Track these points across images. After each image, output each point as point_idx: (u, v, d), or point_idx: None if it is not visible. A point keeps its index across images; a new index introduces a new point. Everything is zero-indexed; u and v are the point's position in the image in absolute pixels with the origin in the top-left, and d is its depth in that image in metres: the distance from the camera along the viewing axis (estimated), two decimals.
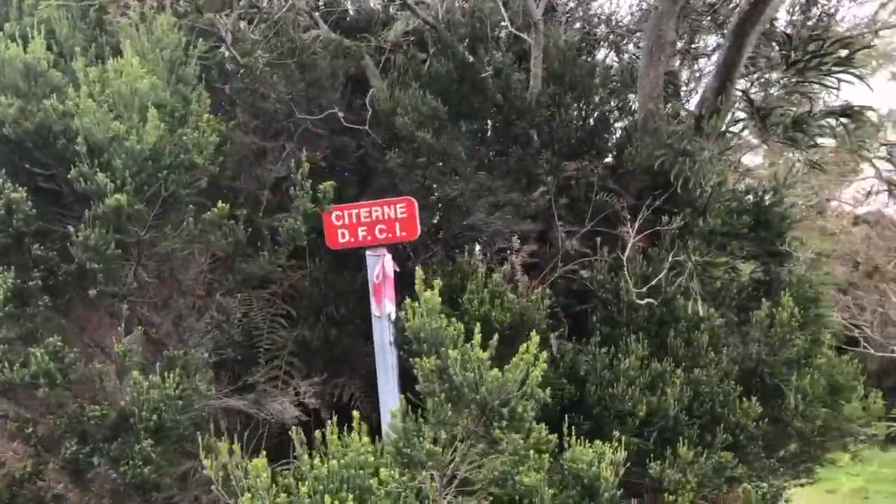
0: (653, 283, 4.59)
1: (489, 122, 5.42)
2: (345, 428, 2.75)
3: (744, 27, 4.72)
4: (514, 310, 4.26)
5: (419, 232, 4.63)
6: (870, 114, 4.85)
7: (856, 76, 4.45)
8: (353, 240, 4.71)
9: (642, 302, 4.63)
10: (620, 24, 7.21)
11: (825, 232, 13.28)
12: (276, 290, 5.30)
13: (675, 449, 4.13)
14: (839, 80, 4.50)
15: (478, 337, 2.66)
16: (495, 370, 2.61)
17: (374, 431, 3.17)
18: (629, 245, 4.63)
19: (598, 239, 5.03)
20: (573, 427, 3.52)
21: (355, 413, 2.65)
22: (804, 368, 4.57)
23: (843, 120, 4.47)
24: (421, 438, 2.58)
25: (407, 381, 3.78)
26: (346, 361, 5.17)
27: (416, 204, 4.60)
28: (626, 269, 4.64)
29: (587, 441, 3.75)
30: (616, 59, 6.97)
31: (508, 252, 5.00)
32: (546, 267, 5.22)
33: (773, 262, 4.92)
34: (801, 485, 5.47)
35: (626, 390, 4.21)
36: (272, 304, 5.22)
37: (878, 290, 12.84)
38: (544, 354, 2.78)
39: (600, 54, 7.05)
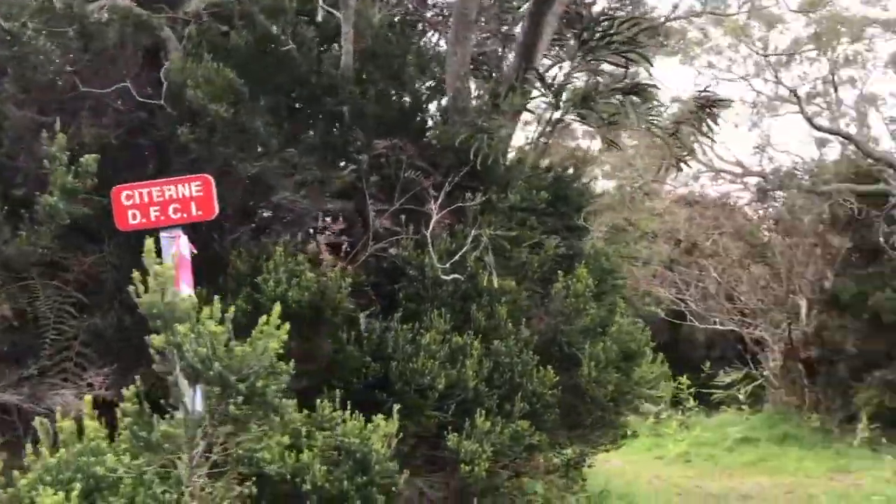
0: (456, 258, 4.64)
1: (296, 97, 5.29)
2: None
3: (541, 8, 4.84)
4: (311, 289, 4.17)
5: (216, 211, 4.40)
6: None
7: (642, 56, 4.66)
8: (144, 221, 4.41)
9: (448, 278, 4.68)
10: (444, 4, 7.26)
11: (653, 212, 14.11)
12: (68, 276, 4.96)
13: (474, 420, 4.19)
14: (627, 60, 4.69)
15: (223, 312, 2.54)
16: (242, 347, 2.51)
17: None
18: (432, 222, 4.65)
19: (407, 216, 5.03)
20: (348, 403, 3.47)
21: (87, 398, 2.48)
22: (600, 336, 4.77)
23: (630, 97, 4.68)
24: (159, 420, 2.45)
25: None
26: (145, 350, 4.90)
27: (213, 182, 4.40)
28: (430, 245, 4.65)
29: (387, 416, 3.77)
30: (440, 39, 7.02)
31: (316, 231, 4.91)
32: (359, 246, 5.17)
33: (572, 237, 5.10)
34: (607, 450, 5.74)
35: (425, 364, 4.23)
36: (62, 291, 4.87)
37: (699, 266, 13.77)
38: (287, 326, 2.71)
39: (427, 35, 7.09)
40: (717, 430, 13.37)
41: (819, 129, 12.91)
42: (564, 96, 4.58)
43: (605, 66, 5.73)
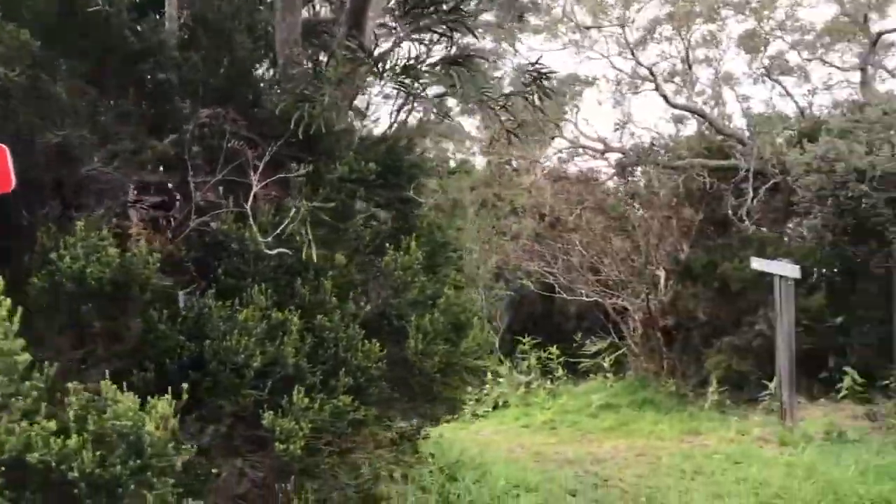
0: (279, 231, 4.49)
1: (110, 63, 4.96)
2: None
3: None
4: (113, 265, 3.92)
5: (13, 184, 4.09)
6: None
7: (466, 27, 4.62)
8: None
9: (273, 252, 4.53)
10: None
11: (520, 187, 14.35)
12: None
13: (292, 397, 4.08)
14: (452, 30, 4.64)
15: None
16: None
17: None
18: (252, 193, 4.48)
19: (231, 189, 4.84)
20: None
21: None
22: (429, 309, 4.75)
23: (459, 69, 4.63)
24: None
25: None
26: None
27: (8, 152, 4.07)
28: (250, 218, 4.49)
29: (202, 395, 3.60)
30: None
31: (129, 205, 4.65)
32: (180, 219, 4.94)
33: (405, 209, 5.04)
34: (448, 421, 5.76)
35: (240, 341, 4.08)
36: None
37: (564, 240, 14.12)
38: (8, 302, 2.51)
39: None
40: (582, 398, 13.83)
41: (675, 106, 13.45)
42: (388, 65, 4.48)
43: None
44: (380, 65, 4.42)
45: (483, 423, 14.11)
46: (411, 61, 4.39)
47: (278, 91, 5.04)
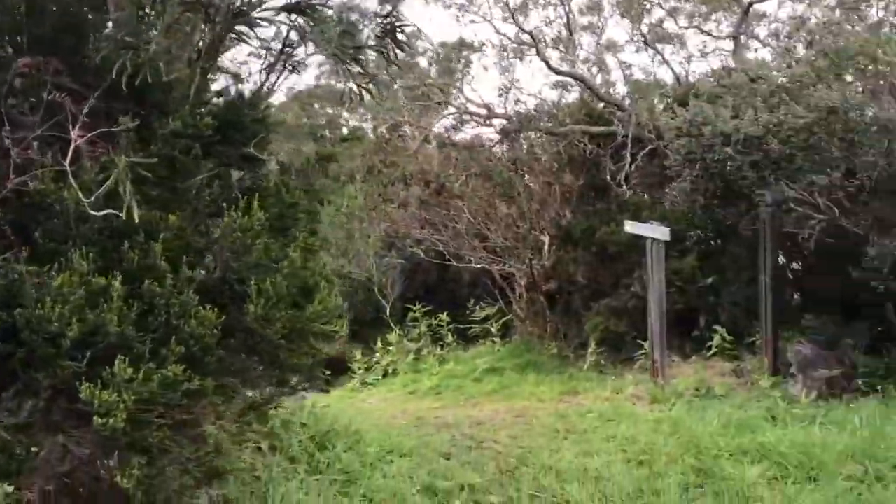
0: (102, 190, 4.15)
1: None
2: None
3: None
4: None
5: None
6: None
7: None
8: None
9: (98, 213, 4.19)
10: None
11: (406, 153, 14.18)
12: None
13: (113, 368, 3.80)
14: None
15: None
16: None
17: None
18: (71, 148, 4.11)
19: (53, 145, 4.45)
20: None
21: None
22: (273, 272, 4.52)
23: (297, 17, 4.38)
24: None
25: None
26: None
27: None
28: (70, 176, 4.12)
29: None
30: None
31: None
32: None
33: (249, 168, 4.78)
34: (327, 391, 5.57)
35: (53, 308, 3.76)
36: None
37: (451, 206, 14.07)
38: None
39: None
40: (469, 363, 13.91)
41: (557, 72, 13.52)
42: (220, 10, 4.18)
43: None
44: (210, 10, 4.11)
45: (371, 392, 14.02)
46: (243, 7, 4.11)
47: (103, 39, 4.65)
